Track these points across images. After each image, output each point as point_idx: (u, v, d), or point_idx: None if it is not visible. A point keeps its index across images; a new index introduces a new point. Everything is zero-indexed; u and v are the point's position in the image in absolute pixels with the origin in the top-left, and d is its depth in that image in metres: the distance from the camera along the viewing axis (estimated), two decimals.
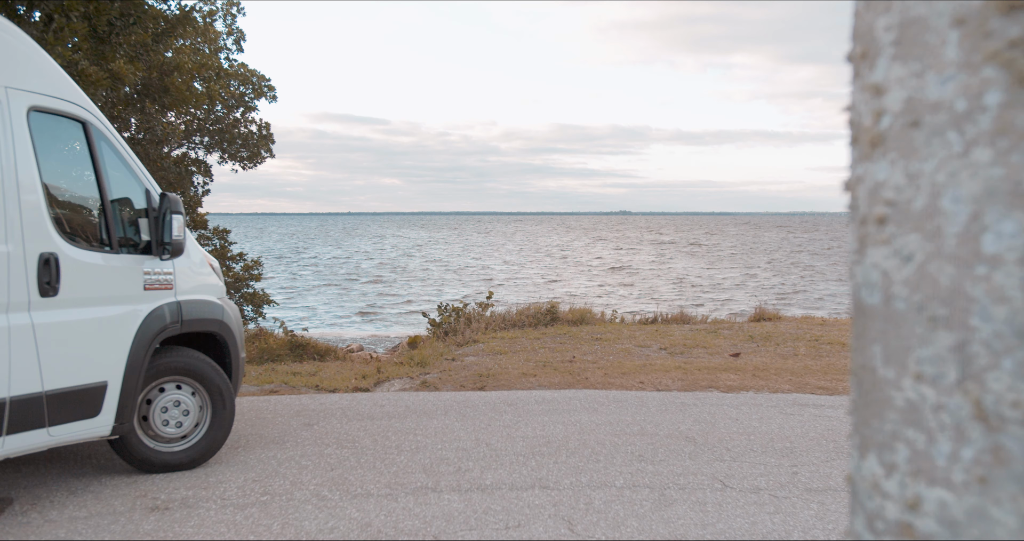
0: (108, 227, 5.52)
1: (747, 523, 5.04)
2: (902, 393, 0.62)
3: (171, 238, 5.72)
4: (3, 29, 4.98)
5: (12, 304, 4.79)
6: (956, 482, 0.58)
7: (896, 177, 0.63)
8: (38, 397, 4.89)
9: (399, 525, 4.97)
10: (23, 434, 4.84)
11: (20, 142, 4.93)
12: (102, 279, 5.38)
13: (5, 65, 4.95)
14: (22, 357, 4.81)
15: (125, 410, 5.46)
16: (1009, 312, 0.55)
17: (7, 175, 4.84)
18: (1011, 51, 0.55)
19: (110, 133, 5.71)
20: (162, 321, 5.75)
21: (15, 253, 4.82)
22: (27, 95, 5.04)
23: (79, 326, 5.18)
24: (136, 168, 5.86)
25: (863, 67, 0.68)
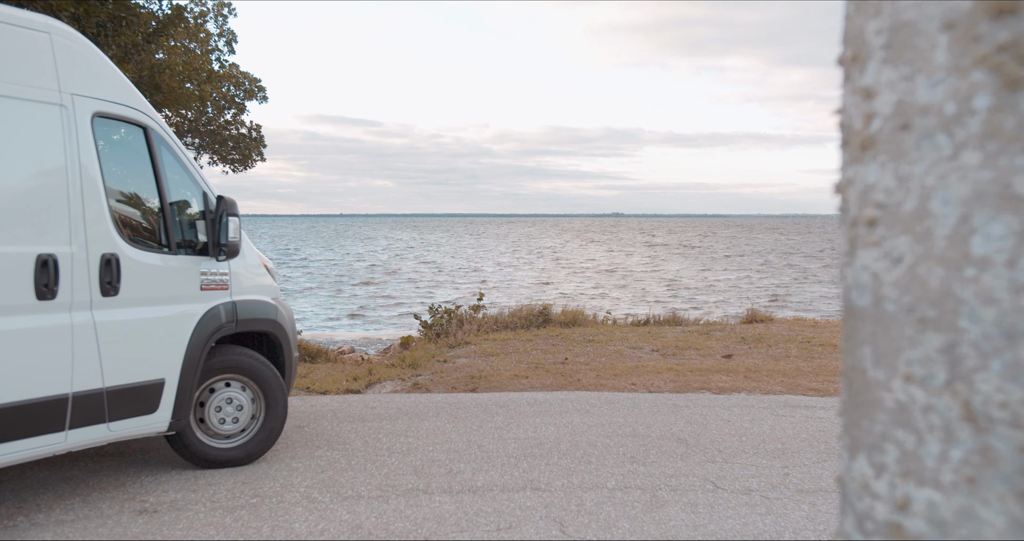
0: (167, 229, 5.69)
1: (738, 524, 5.05)
2: (892, 394, 0.63)
3: (227, 240, 5.88)
4: (70, 38, 5.17)
5: (75, 303, 4.98)
6: (945, 483, 0.58)
7: (886, 180, 0.64)
8: (99, 393, 5.08)
9: (390, 527, 4.97)
10: (85, 429, 5.02)
11: (84, 147, 5.11)
12: (161, 279, 5.56)
13: (72, 73, 5.11)
14: (84, 355, 4.99)
15: (181, 407, 5.63)
16: (998, 314, 0.56)
17: (72, 179, 5.01)
18: (1000, 55, 0.56)
19: (169, 138, 5.89)
20: (218, 320, 5.91)
21: (79, 254, 5.00)
22: (92, 102, 5.21)
23: (138, 325, 5.35)
24: (194, 171, 6.02)
25: (854, 70, 0.68)
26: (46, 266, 4.82)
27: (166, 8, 15.00)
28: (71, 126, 5.05)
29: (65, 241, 4.94)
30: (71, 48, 5.14)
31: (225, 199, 5.94)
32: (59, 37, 5.08)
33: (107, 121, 5.37)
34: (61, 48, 5.08)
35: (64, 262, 4.91)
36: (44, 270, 4.81)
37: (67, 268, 4.92)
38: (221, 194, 5.99)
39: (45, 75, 4.97)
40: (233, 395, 6.15)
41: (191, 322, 5.73)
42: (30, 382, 4.74)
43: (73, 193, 5.01)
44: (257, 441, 6.21)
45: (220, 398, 6.11)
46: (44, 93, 4.95)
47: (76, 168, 5.05)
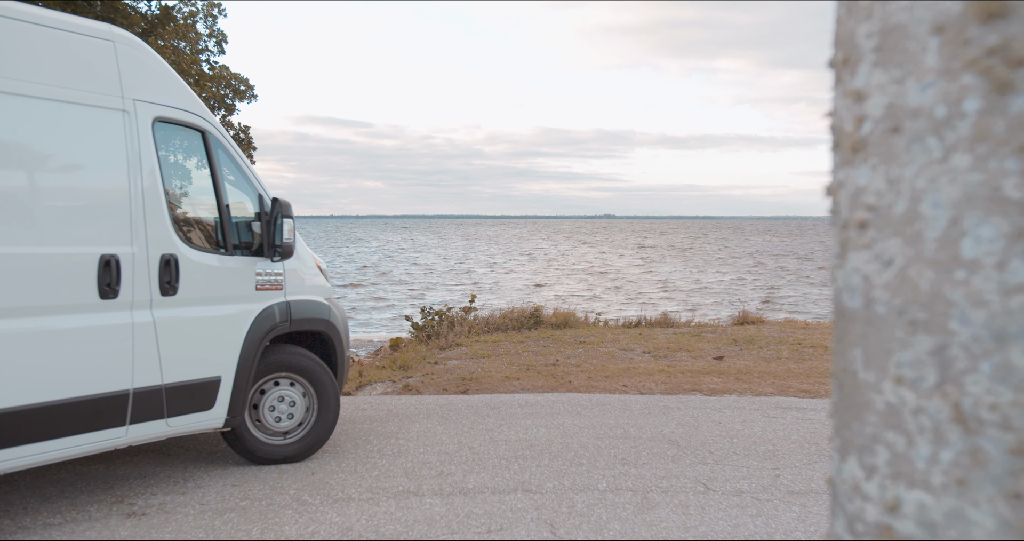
0: (223, 230, 5.87)
1: (729, 526, 5.06)
2: (882, 396, 0.63)
3: (282, 241, 6.02)
4: (133, 46, 5.35)
5: (136, 302, 5.15)
6: (935, 484, 0.59)
7: (877, 182, 0.64)
8: (158, 390, 5.26)
9: (380, 529, 4.96)
10: (145, 424, 5.21)
11: (146, 150, 5.27)
12: (217, 279, 5.72)
13: (134, 79, 5.29)
14: (144, 352, 5.17)
15: (237, 404, 5.79)
16: (987, 316, 0.56)
17: (133, 181, 5.18)
18: (989, 58, 0.56)
19: (226, 141, 6.03)
20: (272, 320, 6.06)
21: (139, 254, 5.17)
22: (152, 107, 5.39)
23: (196, 324, 5.52)
24: (250, 174, 6.17)
25: (845, 73, 0.69)
26: (108, 266, 4.99)
27: (155, 9, 14.95)
28: (133, 130, 5.23)
29: (127, 242, 5.12)
30: (133, 55, 5.32)
31: (280, 201, 6.08)
32: (122, 45, 5.27)
33: (167, 125, 5.55)
34: (124, 55, 5.26)
35: (126, 262, 5.08)
36: (107, 270, 4.98)
37: (128, 268, 5.10)
38: (276, 196, 6.13)
39: (109, 82, 5.14)
40: (286, 393, 6.30)
41: (246, 321, 5.89)
42: (94, 378, 4.91)
43: (135, 195, 5.17)
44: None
45: (274, 396, 6.26)
46: (108, 99, 5.12)
47: (138, 171, 5.21)
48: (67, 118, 4.90)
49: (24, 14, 4.76)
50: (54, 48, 4.89)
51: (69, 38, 4.97)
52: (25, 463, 4.67)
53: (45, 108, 4.81)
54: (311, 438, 6.35)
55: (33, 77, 4.75)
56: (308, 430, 6.35)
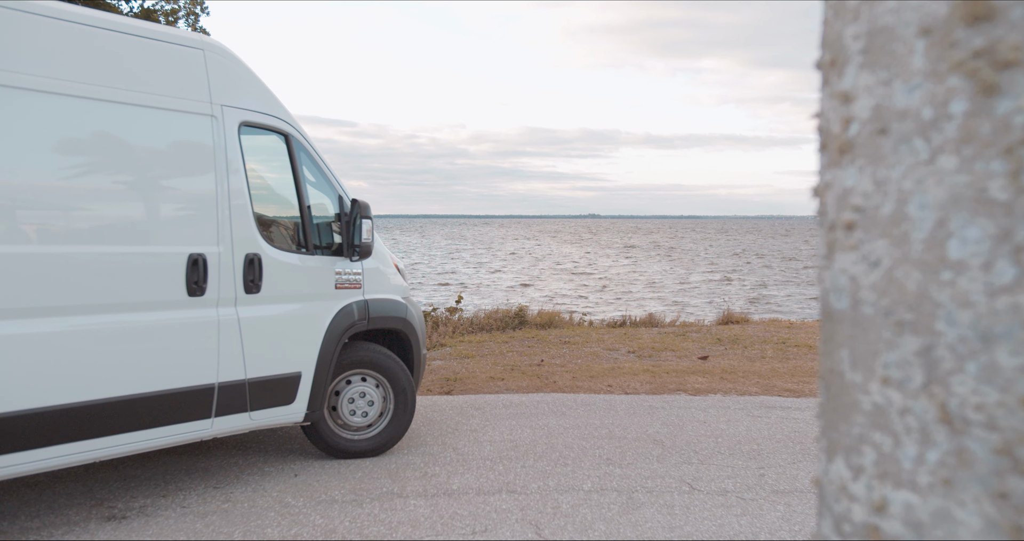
0: (305, 231, 6.09)
1: (714, 525, 5.07)
2: (869, 397, 0.63)
3: (360, 241, 6.22)
4: (221, 54, 5.64)
5: (222, 299, 5.39)
6: (921, 484, 0.59)
7: (864, 184, 0.64)
8: (241, 384, 5.48)
9: (364, 531, 4.95)
10: (229, 417, 5.44)
11: (232, 154, 5.52)
12: (298, 278, 5.93)
13: (221, 86, 5.55)
14: (229, 348, 5.40)
15: (316, 399, 5.99)
16: (973, 317, 0.56)
17: (220, 184, 5.43)
18: (975, 61, 0.57)
19: (308, 144, 6.27)
20: (351, 318, 6.25)
21: (225, 254, 5.41)
22: (239, 112, 5.64)
23: (278, 321, 5.74)
24: (330, 176, 6.39)
25: (832, 75, 0.69)
26: (196, 265, 5.22)
27: (135, 8, 14.84)
28: (220, 135, 5.48)
29: (213, 242, 5.35)
30: (222, 63, 5.59)
31: (359, 202, 6.27)
32: (211, 53, 5.55)
33: (252, 129, 5.79)
34: (213, 63, 5.53)
35: (212, 261, 5.32)
36: (194, 268, 5.21)
37: (215, 267, 5.33)
38: (355, 197, 6.34)
39: (199, 88, 5.41)
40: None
41: (326, 319, 6.09)
42: (182, 371, 5.16)
43: (221, 197, 5.41)
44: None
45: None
46: (198, 105, 5.38)
47: (224, 174, 5.45)
48: (161, 124, 5.17)
49: (124, 26, 5.08)
50: (150, 58, 5.16)
51: (164, 48, 5.26)
52: (120, 451, 4.93)
53: (141, 115, 5.07)
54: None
55: (132, 86, 5.02)
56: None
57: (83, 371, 4.70)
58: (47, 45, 4.67)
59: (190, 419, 5.22)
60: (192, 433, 5.27)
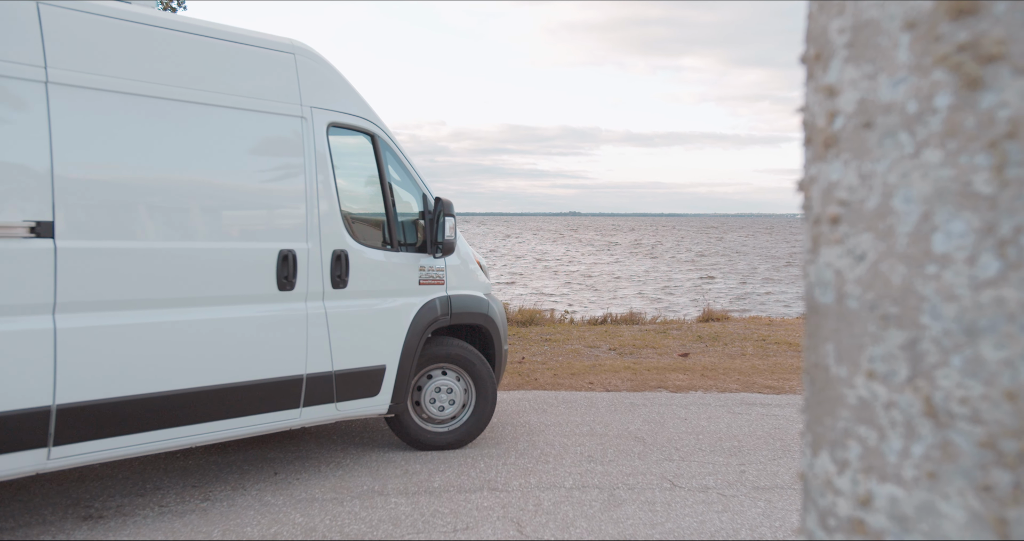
0: (390, 228, 6.28)
1: (696, 522, 5.09)
2: (854, 391, 0.63)
3: (443, 238, 6.40)
4: (311, 57, 5.88)
5: (310, 294, 5.62)
6: (906, 478, 0.59)
7: (849, 177, 0.64)
8: (328, 375, 5.71)
9: (344, 529, 4.93)
10: (317, 407, 5.68)
11: (320, 154, 5.77)
12: (383, 274, 6.15)
13: (311, 88, 5.79)
14: (317, 340, 5.64)
15: (400, 391, 6.19)
16: (958, 310, 0.56)
17: (309, 182, 5.67)
18: (960, 55, 0.57)
19: (394, 144, 6.48)
20: (434, 313, 6.43)
21: (313, 250, 5.65)
22: (327, 113, 5.88)
23: (363, 315, 5.95)
24: (415, 175, 6.58)
25: (817, 69, 0.69)
26: (286, 261, 5.48)
27: None
28: (310, 135, 5.72)
29: (302, 238, 5.59)
30: (311, 66, 5.85)
31: (442, 201, 6.44)
32: (302, 57, 5.80)
33: (340, 130, 6.03)
34: (303, 67, 5.79)
35: (301, 257, 5.56)
36: (284, 264, 5.47)
37: (304, 263, 5.57)
38: (439, 196, 6.50)
39: (290, 91, 5.66)
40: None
41: (410, 314, 6.28)
42: (272, 362, 5.41)
43: (310, 195, 5.66)
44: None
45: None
46: (289, 107, 5.63)
47: (313, 173, 5.70)
48: (254, 126, 5.44)
49: (224, 33, 5.37)
50: (246, 63, 5.46)
51: (258, 53, 5.54)
52: (217, 437, 5.23)
53: (237, 117, 5.34)
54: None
55: (229, 90, 5.30)
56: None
57: (182, 361, 4.98)
58: (163, 54, 5.01)
59: (280, 408, 5.47)
60: (282, 422, 5.54)
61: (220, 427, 5.19)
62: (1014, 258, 0.54)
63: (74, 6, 4.66)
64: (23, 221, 4.38)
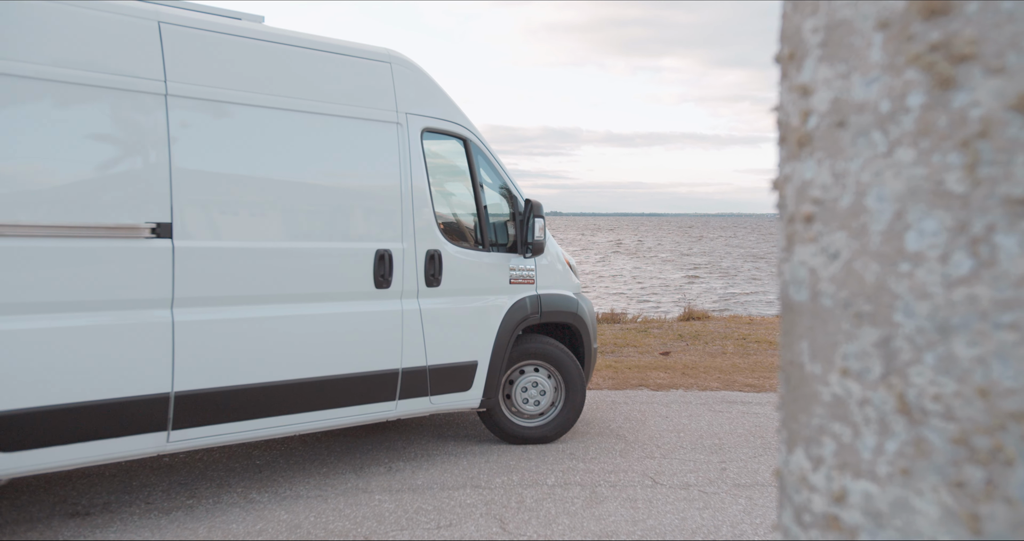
0: (481, 229, 6.51)
1: (677, 519, 5.11)
2: (829, 388, 0.64)
3: (533, 239, 6.60)
4: (406, 66, 6.16)
5: (405, 292, 5.90)
6: (880, 474, 0.59)
7: (823, 176, 0.64)
8: (423, 370, 5.96)
9: (328, 526, 4.92)
10: (411, 400, 5.94)
11: (415, 158, 6.04)
12: (475, 273, 6.38)
13: (406, 95, 6.07)
14: (411, 336, 5.90)
15: (491, 387, 6.40)
16: (931, 308, 0.57)
17: (404, 185, 5.94)
18: (932, 54, 0.57)
19: (485, 148, 6.69)
20: (524, 311, 6.64)
21: (408, 250, 5.91)
22: (421, 119, 6.15)
23: (456, 313, 6.20)
24: (506, 177, 6.79)
25: (791, 68, 0.69)
26: (383, 260, 5.76)
27: None
28: (405, 140, 6.00)
29: (398, 239, 5.87)
30: (406, 74, 6.14)
31: (532, 202, 6.65)
32: (398, 65, 6.10)
33: (433, 135, 6.29)
34: (399, 75, 6.07)
35: (397, 257, 5.84)
36: (381, 263, 5.75)
37: (399, 262, 5.85)
38: (528, 197, 6.71)
39: (386, 98, 5.95)
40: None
41: (500, 312, 6.49)
42: (369, 357, 5.70)
43: (405, 198, 5.93)
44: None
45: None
46: (386, 114, 5.92)
47: (408, 176, 5.97)
48: (354, 132, 5.75)
49: (322, 44, 5.69)
50: (346, 73, 5.79)
51: (357, 63, 5.87)
52: (318, 426, 5.55)
53: (338, 124, 5.66)
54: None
55: (329, 98, 5.63)
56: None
57: (288, 353, 5.30)
58: (270, 66, 5.39)
59: (377, 400, 5.75)
60: (379, 413, 5.81)
61: (322, 416, 5.50)
62: (986, 256, 0.55)
63: (191, 23, 5.07)
64: (145, 222, 4.75)
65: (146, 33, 4.84)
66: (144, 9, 4.88)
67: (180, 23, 5.00)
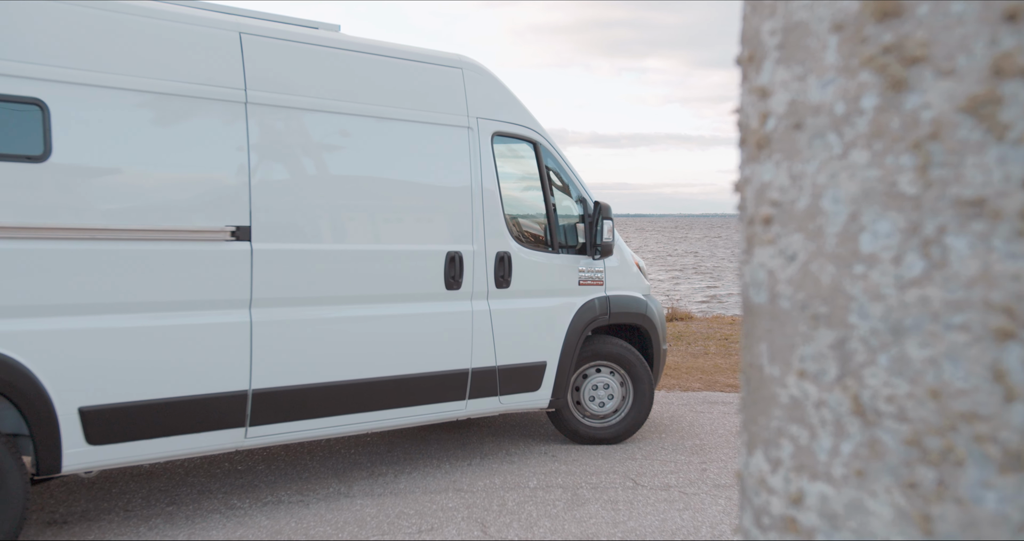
0: (551, 231, 6.61)
1: (657, 520, 5.12)
2: (786, 390, 0.64)
3: (602, 240, 6.66)
4: (477, 71, 6.30)
5: (475, 293, 6.01)
6: (836, 476, 0.59)
7: (781, 178, 0.65)
8: (492, 370, 6.06)
9: (310, 532, 4.90)
10: (481, 399, 6.06)
11: (485, 161, 6.17)
12: (544, 275, 6.47)
13: (477, 100, 6.21)
14: (481, 336, 6.01)
15: (560, 387, 6.47)
16: (885, 309, 0.57)
17: (475, 188, 6.07)
18: (885, 56, 0.57)
19: (555, 151, 6.77)
20: (592, 312, 6.68)
21: (478, 252, 6.04)
22: (492, 123, 6.28)
23: (525, 314, 6.29)
24: (575, 180, 6.86)
25: (750, 70, 0.69)
26: (453, 261, 5.88)
27: None
28: (476, 145, 6.13)
29: (468, 240, 6.00)
30: (477, 79, 6.28)
31: (601, 204, 6.70)
32: (469, 71, 6.24)
33: (504, 138, 6.41)
34: (470, 80, 6.21)
35: (467, 258, 5.96)
36: (452, 265, 5.87)
37: (469, 263, 5.96)
38: (598, 200, 6.75)
39: (458, 103, 6.10)
40: (605, 381, 6.88)
41: (569, 313, 6.55)
42: (440, 356, 5.82)
43: (475, 200, 6.06)
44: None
45: (594, 382, 6.86)
46: (457, 118, 6.07)
47: (479, 179, 6.10)
48: (427, 137, 5.89)
49: (396, 52, 5.85)
50: (419, 79, 5.92)
51: (430, 69, 6.02)
52: (388, 425, 5.71)
53: (412, 129, 5.80)
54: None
55: (403, 103, 5.76)
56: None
57: (361, 353, 5.45)
58: (346, 73, 5.57)
59: (447, 399, 5.87)
60: (449, 412, 5.94)
61: (394, 415, 5.65)
62: (938, 258, 0.55)
63: (270, 33, 5.27)
64: (225, 226, 4.93)
65: (228, 44, 5.05)
66: (226, 22, 5.12)
67: (260, 33, 5.20)
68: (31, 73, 4.36)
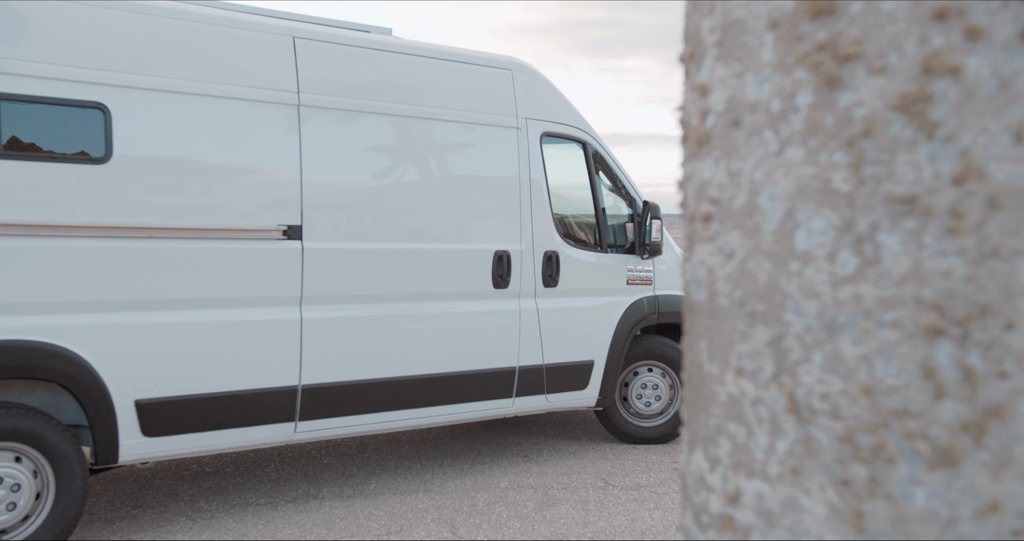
0: (599, 230, 6.63)
1: (627, 520, 5.13)
2: (725, 388, 0.63)
3: (651, 240, 6.67)
4: (526, 72, 6.35)
5: (523, 292, 6.06)
6: (772, 474, 0.59)
7: (719, 175, 0.64)
8: (539, 368, 6.11)
9: (277, 534, 4.86)
10: (528, 397, 6.11)
11: (534, 161, 6.23)
12: (592, 274, 6.52)
13: (526, 101, 6.26)
14: (528, 335, 6.07)
15: (607, 386, 6.51)
16: (819, 307, 0.57)
17: (523, 188, 6.13)
18: (819, 54, 0.57)
19: (604, 151, 6.78)
20: (641, 312, 6.72)
21: (526, 251, 6.09)
22: (541, 123, 6.32)
23: (573, 312, 6.32)
24: (624, 179, 6.85)
25: (692, 67, 0.69)
26: (501, 260, 5.94)
27: None
28: (524, 144, 6.18)
29: (516, 240, 6.06)
30: (526, 80, 6.33)
31: (650, 204, 6.73)
32: (518, 72, 6.30)
33: (552, 138, 6.45)
34: (519, 81, 6.26)
35: (515, 257, 6.01)
36: (499, 264, 5.93)
37: (517, 262, 6.02)
38: (646, 199, 6.78)
39: (507, 104, 6.16)
40: (653, 380, 6.92)
41: (617, 312, 6.58)
42: (487, 354, 5.89)
43: (524, 200, 6.12)
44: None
45: (641, 382, 6.90)
46: (507, 119, 6.13)
47: (527, 179, 6.16)
48: (476, 138, 6.00)
49: (446, 54, 5.93)
50: (469, 80, 6.00)
51: (480, 71, 6.09)
52: (435, 421, 5.83)
53: (460, 129, 5.92)
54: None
55: (453, 104, 5.84)
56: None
57: (409, 350, 5.53)
58: (397, 76, 5.65)
59: (494, 397, 5.94)
60: (496, 410, 6.01)
61: (440, 412, 5.72)
62: (870, 255, 0.55)
63: (323, 37, 5.39)
64: (277, 225, 5.05)
65: (281, 48, 5.18)
66: (281, 26, 5.26)
67: (312, 37, 5.33)
68: (94, 78, 4.52)
